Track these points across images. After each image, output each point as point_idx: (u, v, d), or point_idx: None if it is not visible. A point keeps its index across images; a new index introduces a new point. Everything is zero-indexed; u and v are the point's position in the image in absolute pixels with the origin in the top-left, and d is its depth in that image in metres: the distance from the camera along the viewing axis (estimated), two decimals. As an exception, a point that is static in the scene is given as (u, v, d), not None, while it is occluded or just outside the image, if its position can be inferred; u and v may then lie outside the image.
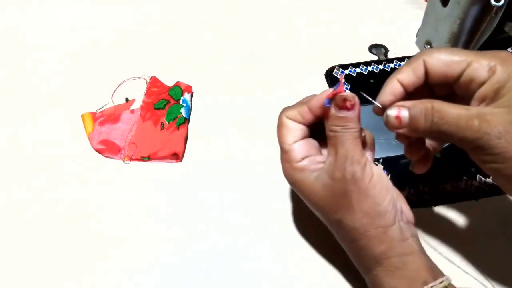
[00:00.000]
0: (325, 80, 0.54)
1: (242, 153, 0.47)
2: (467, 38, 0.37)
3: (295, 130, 0.34)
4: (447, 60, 0.30)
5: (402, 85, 0.32)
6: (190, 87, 0.51)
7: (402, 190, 0.42)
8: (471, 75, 0.30)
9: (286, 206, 0.42)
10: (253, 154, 0.46)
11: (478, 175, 0.44)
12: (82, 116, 0.49)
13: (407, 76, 0.31)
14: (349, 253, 0.35)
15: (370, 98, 0.32)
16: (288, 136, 0.34)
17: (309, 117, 0.34)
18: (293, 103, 0.36)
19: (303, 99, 0.35)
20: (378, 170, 0.32)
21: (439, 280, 0.30)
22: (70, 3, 0.63)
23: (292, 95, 0.51)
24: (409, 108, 0.31)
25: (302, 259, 0.39)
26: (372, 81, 0.53)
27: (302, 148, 0.34)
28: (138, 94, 0.51)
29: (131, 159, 0.46)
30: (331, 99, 0.33)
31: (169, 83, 0.52)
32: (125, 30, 0.60)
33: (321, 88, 0.52)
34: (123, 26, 0.60)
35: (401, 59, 0.55)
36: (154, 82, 0.52)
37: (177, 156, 0.46)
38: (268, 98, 0.52)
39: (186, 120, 0.48)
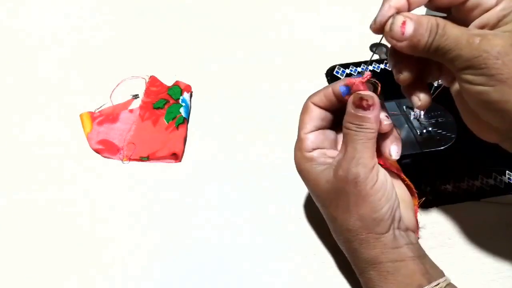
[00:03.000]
0: (325, 79, 0.53)
1: (241, 153, 0.46)
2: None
3: (316, 119, 0.35)
4: None
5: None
6: (190, 86, 0.51)
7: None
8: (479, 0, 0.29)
9: (285, 206, 0.42)
10: (253, 154, 0.46)
11: (479, 175, 0.44)
12: (81, 115, 0.48)
13: None
14: (344, 252, 0.35)
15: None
16: (307, 124, 0.35)
17: (334, 100, 0.34)
18: (292, 103, 0.36)
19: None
20: (384, 177, 0.32)
21: (435, 283, 0.30)
22: (69, 2, 0.63)
23: (292, 95, 0.51)
24: (414, 21, 0.28)
25: (302, 259, 0.39)
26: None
27: (316, 139, 0.35)
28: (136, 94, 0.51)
29: (130, 159, 0.45)
30: (349, 88, 0.32)
31: (168, 82, 0.51)
32: (124, 29, 0.59)
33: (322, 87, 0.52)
34: (122, 25, 0.60)
35: (402, 58, 0.55)
36: (153, 81, 0.51)
37: (176, 156, 0.45)
38: (268, 98, 0.51)
39: (186, 120, 0.48)
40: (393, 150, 0.34)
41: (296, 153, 0.35)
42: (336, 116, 0.35)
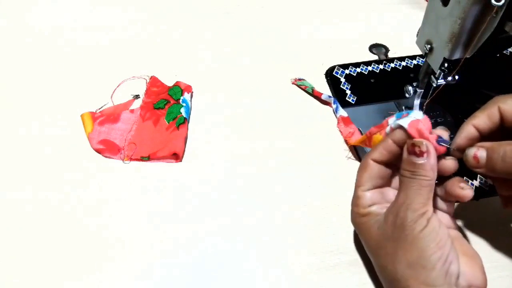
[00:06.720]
0: (325, 80, 0.53)
1: (242, 153, 0.46)
2: (468, 38, 0.37)
3: (375, 177, 0.35)
4: None
5: (478, 130, 0.33)
6: (190, 87, 0.51)
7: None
8: None
9: (286, 206, 0.42)
10: (253, 154, 0.46)
11: (478, 175, 0.44)
12: (82, 116, 0.48)
13: (483, 121, 0.33)
14: None
15: (447, 146, 0.33)
16: (366, 182, 0.35)
17: (395, 150, 0.34)
18: (293, 103, 0.35)
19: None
20: (437, 225, 0.31)
21: None
22: (70, 3, 0.63)
23: (292, 95, 0.52)
24: (487, 149, 0.31)
25: (302, 259, 0.39)
26: (372, 80, 0.52)
27: (374, 196, 0.35)
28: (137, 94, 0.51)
29: (130, 159, 0.46)
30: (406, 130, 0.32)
31: (169, 82, 0.52)
32: (125, 30, 0.60)
33: (321, 88, 0.52)
34: (123, 26, 0.60)
35: (401, 58, 0.55)
36: (153, 81, 0.52)
37: (176, 156, 0.45)
38: (268, 98, 0.51)
39: (186, 120, 0.48)
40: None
41: (353, 208, 0.35)
42: (396, 171, 0.35)
